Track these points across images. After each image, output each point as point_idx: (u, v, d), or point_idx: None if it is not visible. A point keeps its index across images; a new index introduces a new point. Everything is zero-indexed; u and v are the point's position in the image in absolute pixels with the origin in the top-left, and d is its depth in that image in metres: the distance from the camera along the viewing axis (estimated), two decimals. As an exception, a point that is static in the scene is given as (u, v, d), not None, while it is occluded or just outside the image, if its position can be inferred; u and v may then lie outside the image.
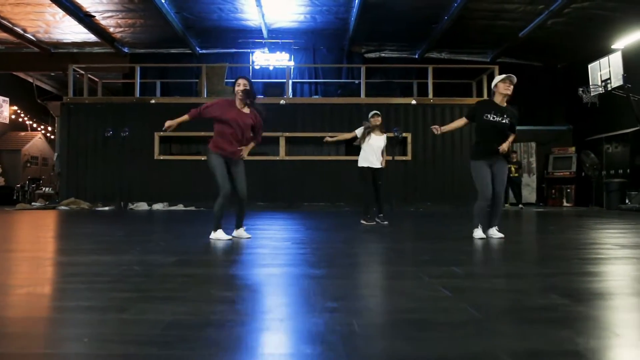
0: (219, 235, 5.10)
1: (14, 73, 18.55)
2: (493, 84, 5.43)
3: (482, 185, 5.29)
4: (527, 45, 15.48)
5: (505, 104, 5.41)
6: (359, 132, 7.90)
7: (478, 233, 5.32)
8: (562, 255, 4.30)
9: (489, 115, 5.31)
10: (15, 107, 18.96)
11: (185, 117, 5.24)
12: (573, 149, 16.22)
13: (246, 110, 5.23)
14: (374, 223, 7.49)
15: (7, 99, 18.69)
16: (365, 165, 7.72)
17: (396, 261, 4.00)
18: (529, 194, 16.39)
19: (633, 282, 3.08)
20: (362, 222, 7.55)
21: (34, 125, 19.67)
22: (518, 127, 17.01)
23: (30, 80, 19.03)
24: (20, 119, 19.16)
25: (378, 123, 7.78)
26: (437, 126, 5.60)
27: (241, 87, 5.16)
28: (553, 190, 16.32)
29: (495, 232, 5.33)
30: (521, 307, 2.32)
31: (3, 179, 17.39)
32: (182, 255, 3.98)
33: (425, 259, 3.97)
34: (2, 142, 18.05)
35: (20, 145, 18.18)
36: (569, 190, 15.96)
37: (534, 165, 16.45)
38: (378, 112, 7.88)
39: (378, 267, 3.49)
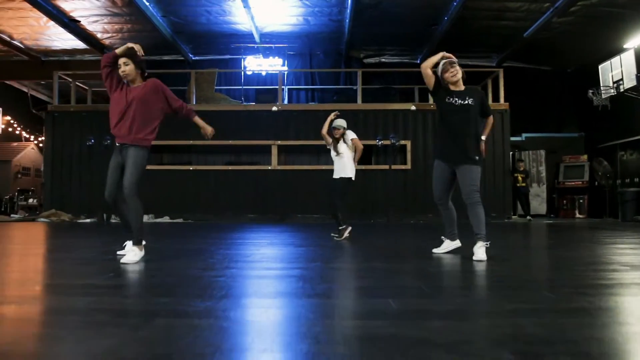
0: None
1: (8, 83, 18.19)
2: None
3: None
4: (533, 48, 14.62)
5: (463, 87, 4.50)
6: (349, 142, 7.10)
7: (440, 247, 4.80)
8: (550, 279, 3.47)
9: (451, 98, 4.42)
10: (8, 117, 18.54)
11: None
12: (585, 157, 15.23)
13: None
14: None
15: (0, 108, 18.29)
16: None
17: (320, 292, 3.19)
18: (539, 204, 15.41)
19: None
20: (343, 236, 6.71)
21: (27, 135, 19.22)
22: (528, 134, 15.89)
23: (25, 90, 18.65)
24: (11, 129, 18.71)
25: (337, 136, 7.07)
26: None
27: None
28: (564, 201, 15.32)
29: (477, 251, 4.23)
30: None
31: (-8, 191, 16.92)
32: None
33: (362, 285, 3.17)
34: (-7, 152, 17.64)
35: (12, 155, 17.71)
36: (581, 200, 14.95)
37: (544, 174, 15.48)
38: (337, 127, 7.09)
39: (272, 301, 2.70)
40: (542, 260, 4.80)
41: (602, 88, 11.96)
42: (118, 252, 4.49)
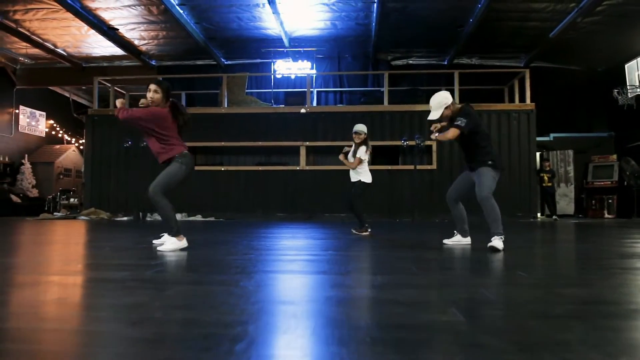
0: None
1: (51, 88, 19.18)
2: (449, 102, 4.85)
3: None
4: (561, 48, 14.64)
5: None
6: (364, 155, 7.28)
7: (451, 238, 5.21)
8: (539, 264, 3.74)
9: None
10: (51, 121, 19.51)
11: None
12: (614, 156, 15.15)
13: None
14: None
15: (44, 113, 19.26)
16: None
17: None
18: (567, 205, 15.40)
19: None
20: (363, 233, 7.05)
21: (69, 138, 20.18)
22: (556, 134, 15.93)
23: (67, 95, 19.64)
24: (54, 132, 19.68)
25: (357, 141, 7.27)
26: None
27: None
28: (593, 201, 15.27)
29: (493, 240, 4.59)
30: None
31: (37, 191, 17.83)
32: None
33: (360, 267, 3.51)
34: (37, 155, 18.56)
35: (54, 157, 18.63)
36: (610, 200, 14.89)
37: (572, 174, 15.46)
38: (356, 131, 7.33)
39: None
40: (544, 250, 5.03)
41: (628, 87, 11.96)
42: (154, 241, 4.95)
